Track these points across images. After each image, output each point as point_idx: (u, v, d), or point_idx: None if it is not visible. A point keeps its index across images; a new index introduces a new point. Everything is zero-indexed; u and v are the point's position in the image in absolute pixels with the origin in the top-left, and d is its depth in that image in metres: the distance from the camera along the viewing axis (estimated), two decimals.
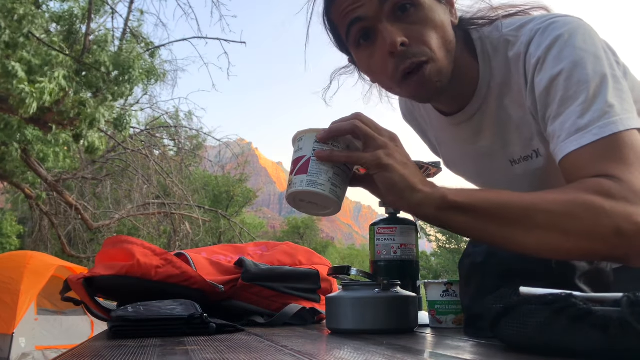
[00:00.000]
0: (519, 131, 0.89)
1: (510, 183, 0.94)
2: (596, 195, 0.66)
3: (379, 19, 0.81)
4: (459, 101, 0.94)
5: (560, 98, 0.75)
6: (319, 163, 0.76)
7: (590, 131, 0.71)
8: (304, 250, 1.39)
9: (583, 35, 0.77)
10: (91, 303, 1.05)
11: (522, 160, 0.91)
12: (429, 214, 0.71)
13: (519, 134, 0.89)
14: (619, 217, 0.65)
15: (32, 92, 4.43)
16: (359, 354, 0.61)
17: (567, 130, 0.73)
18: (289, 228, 39.62)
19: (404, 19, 0.81)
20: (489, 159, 0.97)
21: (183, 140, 11.24)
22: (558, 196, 0.69)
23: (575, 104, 0.74)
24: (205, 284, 1.08)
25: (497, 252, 0.79)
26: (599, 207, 0.66)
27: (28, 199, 8.19)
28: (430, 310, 0.99)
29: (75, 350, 0.71)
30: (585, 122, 0.72)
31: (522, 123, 0.87)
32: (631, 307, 0.49)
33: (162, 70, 6.89)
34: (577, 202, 0.67)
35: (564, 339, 0.53)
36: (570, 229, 0.66)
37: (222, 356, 0.61)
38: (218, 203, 20.43)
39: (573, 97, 0.74)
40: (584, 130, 0.72)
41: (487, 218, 0.69)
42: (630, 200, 0.66)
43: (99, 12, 5.86)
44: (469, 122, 0.95)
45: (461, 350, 0.65)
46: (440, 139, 1.08)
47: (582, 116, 0.73)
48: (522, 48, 0.82)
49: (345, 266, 0.91)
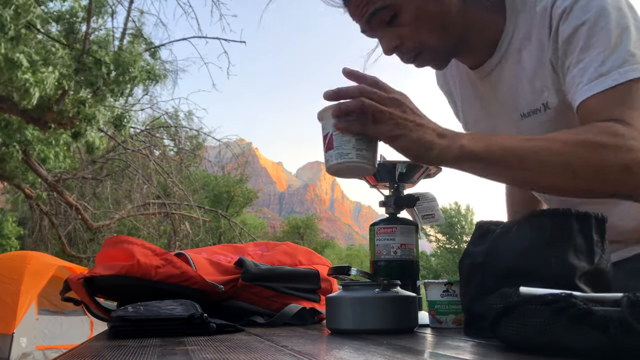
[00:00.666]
0: (531, 84, 0.91)
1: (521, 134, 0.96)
2: (605, 135, 0.71)
3: (374, 31, 0.93)
4: (484, 54, 0.98)
5: (582, 46, 0.79)
6: (340, 135, 0.81)
7: (610, 76, 0.75)
8: (304, 250, 1.39)
9: None
10: (91, 303, 1.05)
11: (532, 114, 0.93)
12: (449, 164, 0.77)
13: (531, 86, 0.92)
14: (627, 155, 0.69)
15: (35, 82, 4.43)
16: (359, 354, 0.61)
17: (588, 76, 0.77)
18: (289, 228, 39.64)
19: (393, 24, 0.89)
20: (502, 114, 1.00)
21: (183, 140, 11.24)
22: (569, 137, 0.74)
23: (596, 51, 0.77)
24: (205, 284, 1.08)
25: (497, 252, 0.79)
26: (607, 145, 0.70)
27: (28, 199, 8.19)
28: (430, 310, 0.99)
29: (75, 350, 0.71)
30: (605, 68, 0.75)
31: (536, 76, 0.90)
32: (631, 307, 0.49)
33: (162, 70, 6.89)
34: (586, 143, 0.72)
35: (564, 339, 0.53)
36: (579, 169, 0.72)
37: (222, 356, 0.61)
38: (218, 203, 20.44)
39: (595, 45, 0.77)
40: (605, 76, 0.75)
41: (502, 164, 0.75)
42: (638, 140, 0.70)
43: (99, 12, 5.86)
44: (489, 76, 0.99)
45: (461, 350, 0.65)
46: (463, 96, 1.12)
47: (603, 63, 0.76)
48: (550, 0, 0.85)
49: (345, 266, 0.91)
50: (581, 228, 0.73)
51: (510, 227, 0.80)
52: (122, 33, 6.19)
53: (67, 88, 4.99)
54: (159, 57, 7.22)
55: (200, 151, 11.87)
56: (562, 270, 0.72)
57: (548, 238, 0.73)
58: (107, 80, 5.28)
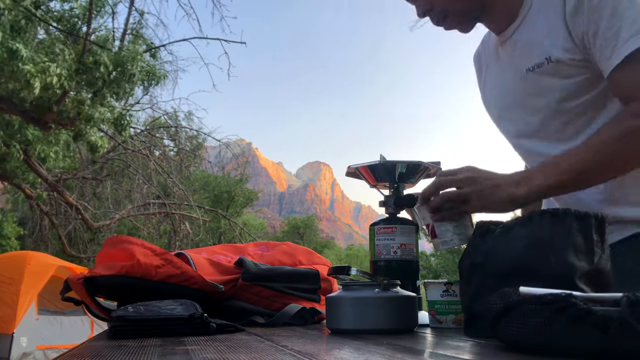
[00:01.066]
0: (541, 43, 1.01)
1: (523, 94, 1.09)
2: (635, 119, 0.87)
3: None
4: (506, 20, 1.08)
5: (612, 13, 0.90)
6: (440, 224, 0.94)
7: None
8: (304, 250, 1.39)
9: None
10: (91, 303, 1.05)
11: (536, 68, 1.03)
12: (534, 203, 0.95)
13: (541, 45, 1.01)
14: None
15: (36, 73, 4.43)
16: (359, 354, 0.61)
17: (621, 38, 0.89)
18: (289, 228, 39.62)
19: None
20: (511, 70, 1.10)
21: (183, 140, 11.24)
22: (609, 135, 0.88)
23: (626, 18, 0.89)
24: (205, 284, 1.08)
25: (497, 252, 0.79)
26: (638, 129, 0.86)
27: (28, 199, 8.18)
28: (430, 310, 0.99)
29: (75, 350, 0.71)
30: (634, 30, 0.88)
31: (547, 36, 1.00)
32: (631, 307, 0.49)
33: (162, 70, 6.89)
34: (624, 134, 0.87)
35: (564, 339, 0.53)
36: (629, 156, 0.89)
37: (223, 356, 0.61)
38: (219, 203, 20.43)
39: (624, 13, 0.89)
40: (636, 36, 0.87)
41: (575, 184, 0.91)
42: None
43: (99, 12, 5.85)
44: (509, 39, 1.09)
45: (461, 350, 0.65)
46: (488, 62, 1.22)
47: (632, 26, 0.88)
48: None
49: (345, 266, 0.91)
50: (581, 228, 0.73)
51: (511, 227, 0.80)
52: (122, 33, 6.19)
53: (67, 88, 4.99)
54: (159, 57, 7.22)
55: (200, 151, 11.87)
56: (562, 270, 0.72)
57: (548, 238, 0.73)
58: (106, 80, 5.28)
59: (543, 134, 1.08)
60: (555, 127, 1.05)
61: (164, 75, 6.69)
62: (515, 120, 1.14)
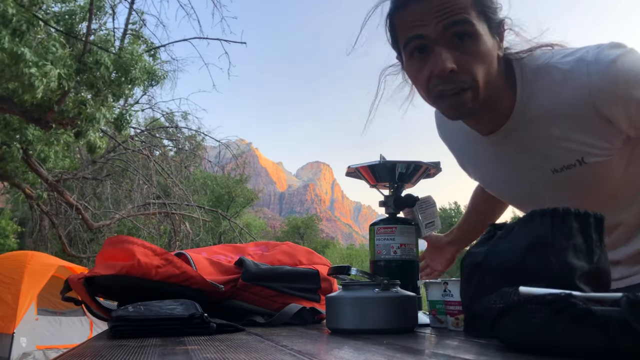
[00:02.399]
0: (562, 145, 0.96)
1: (552, 189, 1.02)
2: None
3: (437, 42, 0.88)
4: (495, 122, 1.01)
5: None
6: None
7: None
8: (304, 250, 1.39)
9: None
10: (92, 303, 1.05)
11: (565, 169, 0.98)
12: None
13: (562, 147, 0.96)
14: None
15: (39, 76, 4.43)
16: (359, 354, 0.61)
17: None
18: (289, 228, 39.62)
19: (458, 46, 0.88)
20: (528, 170, 1.04)
21: (182, 140, 11.23)
22: None
23: None
24: (205, 284, 1.08)
25: (497, 252, 0.79)
26: None
27: (28, 199, 8.18)
28: (432, 310, 0.99)
29: (75, 350, 0.71)
30: None
31: (569, 139, 0.94)
32: (631, 307, 0.49)
33: (162, 71, 6.88)
34: None
35: (564, 338, 0.53)
36: None
37: (223, 356, 0.61)
38: (219, 203, 20.43)
39: None
40: None
41: None
42: None
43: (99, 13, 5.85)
44: (506, 140, 1.02)
45: (461, 350, 0.65)
46: (480, 156, 1.14)
47: None
48: (584, 78, 0.89)
49: (345, 266, 0.91)
50: (580, 227, 0.73)
51: (512, 227, 0.80)
52: (122, 34, 6.19)
53: (67, 88, 4.99)
54: (159, 58, 7.22)
55: (200, 151, 11.86)
56: (562, 270, 0.72)
57: (548, 238, 0.73)
58: (107, 81, 5.28)
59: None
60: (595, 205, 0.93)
61: (163, 76, 6.69)
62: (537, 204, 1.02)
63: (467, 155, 1.20)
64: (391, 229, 1.11)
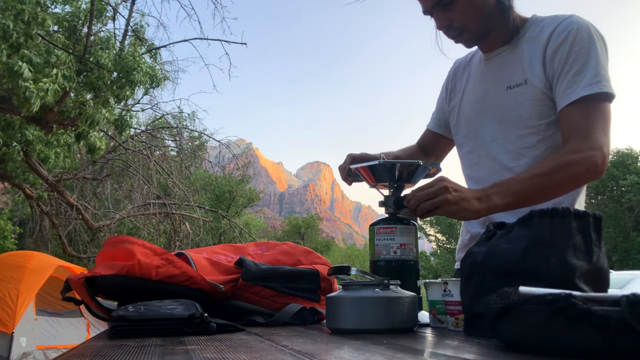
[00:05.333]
0: (522, 67, 1.26)
1: (496, 107, 1.31)
2: (570, 154, 1.13)
3: (433, 12, 1.28)
4: (500, 42, 1.32)
5: (571, 62, 1.18)
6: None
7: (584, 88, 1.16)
8: (304, 250, 1.39)
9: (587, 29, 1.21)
10: (92, 303, 1.05)
11: (515, 87, 1.27)
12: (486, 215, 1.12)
13: (522, 69, 1.26)
14: (586, 162, 1.13)
15: (36, 92, 4.42)
16: (359, 354, 0.61)
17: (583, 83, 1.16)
18: (290, 228, 39.60)
19: (448, 8, 1.25)
20: (494, 86, 1.32)
21: (185, 140, 11.24)
22: (552, 166, 1.13)
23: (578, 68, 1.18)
24: (205, 284, 1.08)
25: (497, 252, 0.79)
26: (573, 162, 1.12)
27: (28, 199, 8.18)
28: (432, 310, 0.99)
29: (75, 350, 0.71)
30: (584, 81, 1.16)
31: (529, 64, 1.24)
32: (630, 307, 0.49)
33: (163, 72, 6.89)
34: (562, 165, 1.13)
35: (564, 338, 0.53)
36: (565, 181, 1.14)
37: (223, 356, 0.61)
38: (220, 203, 20.42)
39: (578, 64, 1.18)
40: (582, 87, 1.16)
41: (524, 203, 1.12)
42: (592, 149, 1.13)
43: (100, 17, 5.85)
44: (494, 58, 1.34)
45: (461, 350, 0.65)
46: (471, 76, 1.44)
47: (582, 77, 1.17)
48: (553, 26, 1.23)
49: (345, 266, 0.91)
50: (580, 227, 0.73)
51: (511, 227, 0.80)
52: (123, 35, 6.19)
53: (68, 89, 4.99)
54: (160, 58, 7.22)
55: (202, 152, 11.86)
56: (562, 270, 0.72)
57: (548, 238, 0.73)
58: (107, 82, 5.27)
59: (502, 141, 1.30)
60: (514, 138, 1.27)
61: (164, 77, 6.68)
62: (482, 127, 1.35)
63: (458, 82, 1.49)
64: (391, 229, 1.11)
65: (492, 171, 1.31)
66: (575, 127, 1.16)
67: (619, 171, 21.41)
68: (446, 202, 1.05)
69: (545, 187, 1.13)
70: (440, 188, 1.06)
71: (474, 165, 1.40)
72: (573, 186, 1.20)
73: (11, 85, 4.50)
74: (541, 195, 1.14)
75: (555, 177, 1.13)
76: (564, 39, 1.19)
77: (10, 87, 4.52)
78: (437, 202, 1.06)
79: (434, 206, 1.06)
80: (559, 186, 1.15)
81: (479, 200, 1.08)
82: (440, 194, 1.06)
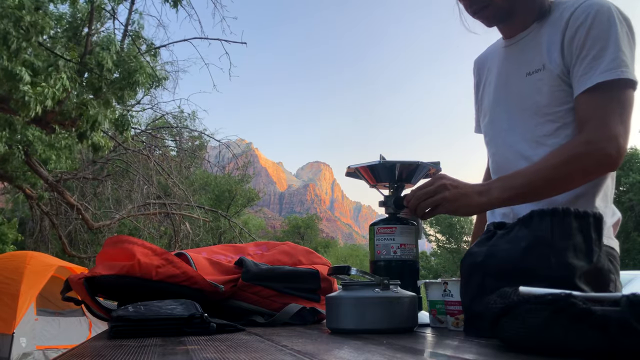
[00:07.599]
0: (541, 54, 1.20)
1: (516, 94, 1.25)
2: (580, 146, 1.07)
3: None
4: (521, 27, 1.26)
5: (589, 47, 1.11)
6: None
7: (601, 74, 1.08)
8: (304, 250, 1.39)
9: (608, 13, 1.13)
10: (92, 303, 1.05)
11: (534, 72, 1.21)
12: (488, 211, 1.17)
13: (541, 55, 1.20)
14: (597, 154, 1.07)
15: (35, 97, 4.42)
16: (359, 354, 0.61)
17: (600, 69, 1.09)
18: (290, 228, 39.58)
19: None
20: (514, 72, 1.27)
21: (185, 140, 11.25)
22: (559, 159, 1.07)
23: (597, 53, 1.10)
24: (205, 284, 1.08)
25: (497, 252, 0.79)
26: (582, 154, 1.07)
27: (29, 199, 8.18)
28: (432, 310, 0.99)
29: (75, 350, 0.71)
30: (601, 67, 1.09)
31: (548, 50, 1.19)
32: (631, 307, 0.49)
33: (163, 73, 6.88)
34: (571, 158, 1.07)
35: (564, 338, 0.53)
36: (573, 174, 1.07)
37: (223, 356, 0.61)
38: (220, 203, 20.41)
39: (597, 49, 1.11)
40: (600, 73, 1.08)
41: (527, 197, 1.09)
42: (602, 141, 1.06)
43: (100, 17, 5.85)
44: (516, 44, 1.28)
45: (461, 350, 0.65)
46: (492, 65, 1.38)
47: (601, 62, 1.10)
48: (572, 9, 1.16)
49: (345, 266, 0.91)
50: (580, 227, 0.73)
51: (511, 227, 0.80)
52: (123, 35, 6.19)
53: (69, 89, 4.99)
54: (160, 58, 7.22)
55: (202, 152, 11.86)
56: (562, 270, 0.72)
57: (548, 238, 0.73)
58: (107, 82, 5.27)
59: (520, 130, 1.24)
60: (533, 126, 1.21)
61: (165, 77, 6.68)
62: (499, 115, 1.31)
63: (482, 75, 1.44)
64: (391, 229, 1.11)
65: (508, 161, 1.26)
66: (589, 116, 1.09)
67: (621, 170, 21.43)
68: (445, 199, 1.04)
69: (551, 180, 1.07)
70: (438, 186, 1.05)
71: (493, 156, 1.35)
72: (584, 179, 1.11)
73: (9, 89, 4.50)
74: (549, 189, 1.09)
75: (562, 170, 1.06)
76: (582, 22, 1.12)
77: (9, 90, 4.52)
78: (436, 201, 1.05)
79: (433, 204, 1.05)
80: (567, 179, 1.08)
81: (479, 194, 1.06)
82: (439, 192, 1.05)
